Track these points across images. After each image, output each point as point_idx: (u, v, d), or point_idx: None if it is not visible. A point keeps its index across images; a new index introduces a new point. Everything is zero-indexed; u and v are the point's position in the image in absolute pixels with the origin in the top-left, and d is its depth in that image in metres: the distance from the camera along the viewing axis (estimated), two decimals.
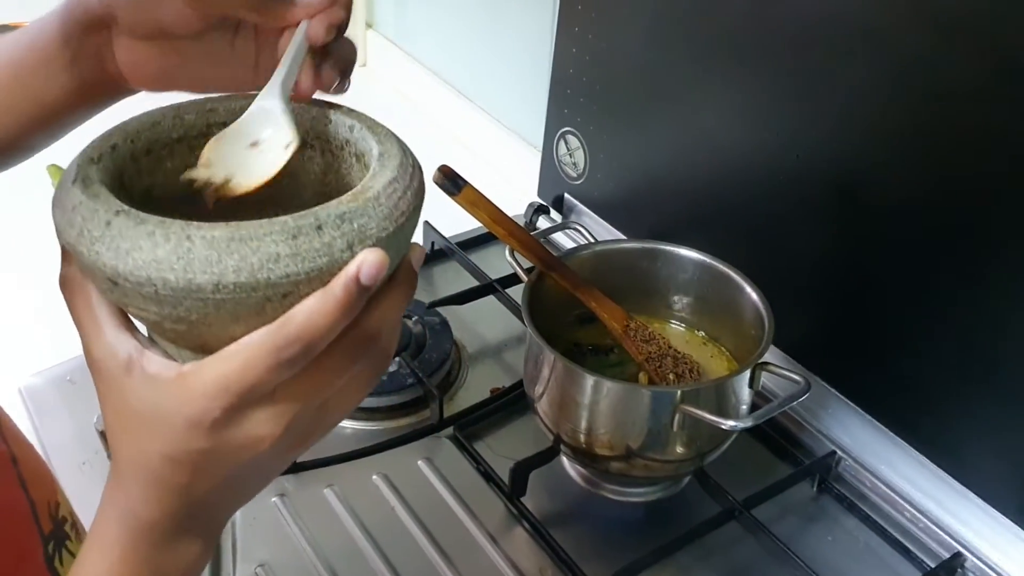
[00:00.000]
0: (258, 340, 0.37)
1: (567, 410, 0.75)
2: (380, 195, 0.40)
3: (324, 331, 0.37)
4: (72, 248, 0.38)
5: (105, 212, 0.38)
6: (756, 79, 0.85)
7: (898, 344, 0.80)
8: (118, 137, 0.44)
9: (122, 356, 0.39)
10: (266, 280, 0.37)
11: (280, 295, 0.37)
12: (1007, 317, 0.71)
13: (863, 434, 0.83)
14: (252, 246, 0.37)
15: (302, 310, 0.37)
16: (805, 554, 0.75)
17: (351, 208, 0.39)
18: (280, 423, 0.39)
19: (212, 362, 0.37)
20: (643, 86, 0.97)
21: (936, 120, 0.72)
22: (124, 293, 0.38)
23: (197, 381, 0.37)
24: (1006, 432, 0.73)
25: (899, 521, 0.79)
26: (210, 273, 0.36)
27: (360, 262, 0.37)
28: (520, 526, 0.78)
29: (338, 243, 0.38)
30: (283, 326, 0.37)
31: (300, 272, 0.37)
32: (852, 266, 0.82)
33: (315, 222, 0.38)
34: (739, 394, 0.74)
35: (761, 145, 0.86)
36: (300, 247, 0.37)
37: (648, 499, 0.81)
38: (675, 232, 0.94)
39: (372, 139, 0.45)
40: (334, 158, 0.48)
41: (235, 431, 0.38)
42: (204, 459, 0.38)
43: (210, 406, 0.37)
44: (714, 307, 0.83)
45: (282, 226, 0.37)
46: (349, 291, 0.37)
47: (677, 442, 0.73)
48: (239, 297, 0.37)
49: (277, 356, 0.37)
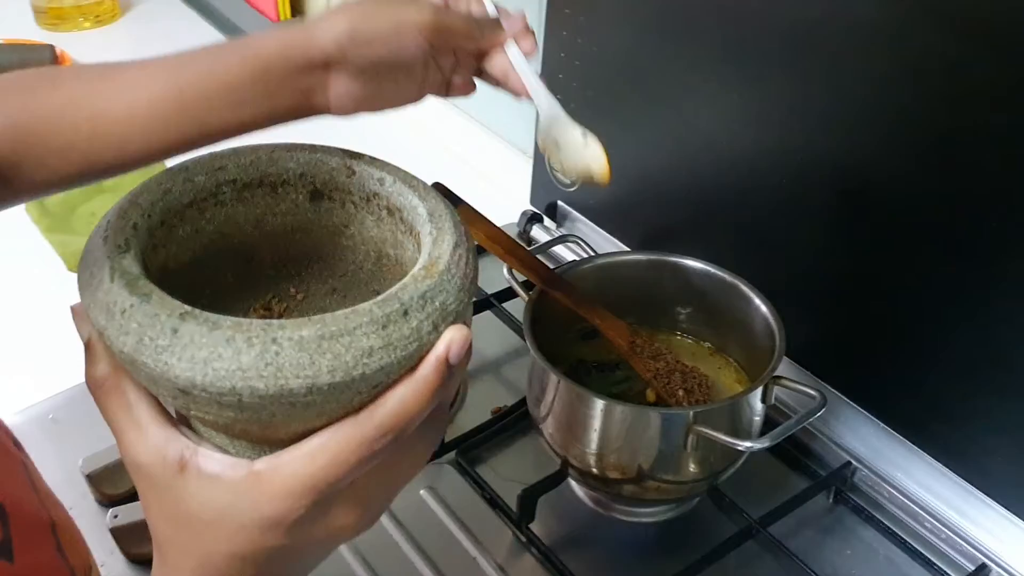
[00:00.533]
0: (348, 434, 0.36)
1: (575, 433, 0.72)
2: (451, 265, 0.39)
3: (416, 418, 0.36)
4: (129, 359, 0.35)
5: (168, 317, 0.35)
6: (755, 79, 0.82)
7: (910, 349, 0.77)
8: (135, 215, 0.40)
9: (172, 458, 0.36)
10: (361, 376, 0.35)
11: (371, 387, 0.36)
12: (1020, 318, 0.69)
13: (878, 443, 0.80)
14: (344, 343, 0.35)
15: (394, 400, 0.36)
16: (825, 570, 0.73)
17: (430, 286, 0.37)
18: (360, 508, 0.37)
19: (295, 459, 0.36)
20: (636, 89, 0.94)
21: (943, 118, 0.70)
22: (196, 401, 0.35)
23: (277, 479, 0.35)
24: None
25: (919, 532, 0.77)
26: (303, 377, 0.34)
27: (448, 342, 0.37)
28: (529, 554, 0.75)
29: (425, 326, 0.36)
30: (372, 417, 0.36)
31: (393, 362, 0.36)
32: (860, 271, 0.79)
33: (401, 308, 0.36)
34: (753, 411, 0.71)
35: (762, 147, 0.83)
36: (391, 336, 0.36)
37: (660, 519, 0.78)
38: (673, 239, 0.92)
39: (412, 195, 0.43)
40: (357, 210, 0.46)
41: (317, 526, 0.37)
42: (279, 554, 0.37)
43: (295, 505, 0.35)
44: (721, 318, 0.80)
45: (370, 316, 0.35)
46: (441, 373, 0.36)
47: (690, 462, 0.70)
48: (330, 396, 0.35)
49: (368, 449, 0.36)
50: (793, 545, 0.74)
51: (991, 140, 0.67)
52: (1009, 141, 0.66)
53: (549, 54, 1.01)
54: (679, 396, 0.75)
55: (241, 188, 0.45)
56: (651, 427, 0.69)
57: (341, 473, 0.35)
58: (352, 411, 0.36)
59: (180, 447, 0.36)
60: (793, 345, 0.73)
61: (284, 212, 0.46)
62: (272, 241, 0.47)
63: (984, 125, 0.67)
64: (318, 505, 0.36)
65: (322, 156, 0.45)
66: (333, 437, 0.35)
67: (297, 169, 0.45)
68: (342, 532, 0.38)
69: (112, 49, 1.66)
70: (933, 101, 0.70)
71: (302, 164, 0.45)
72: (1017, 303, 0.69)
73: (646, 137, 0.95)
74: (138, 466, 0.37)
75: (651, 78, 0.92)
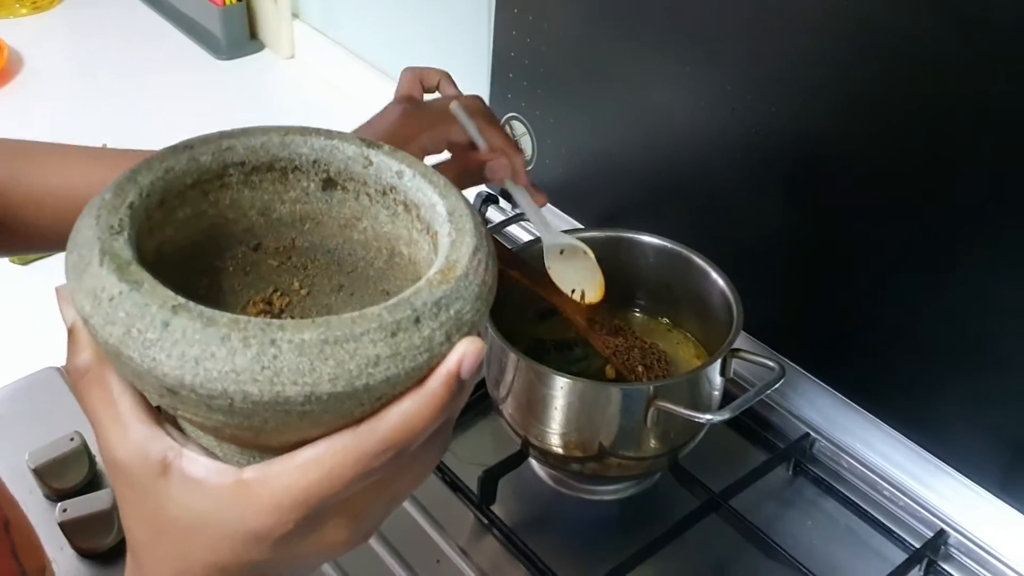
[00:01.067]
0: (345, 447, 0.33)
1: (535, 412, 0.71)
2: (468, 271, 0.35)
3: (420, 434, 0.34)
4: (114, 350, 0.32)
5: (159, 309, 0.32)
6: (706, 53, 0.82)
7: (867, 321, 0.78)
8: (132, 193, 0.37)
9: (155, 457, 0.34)
10: (364, 386, 0.32)
11: (374, 398, 0.33)
12: (978, 288, 0.69)
13: (836, 414, 0.81)
14: (348, 349, 0.32)
15: (398, 414, 0.33)
16: (787, 541, 0.73)
17: (445, 292, 0.34)
18: (353, 524, 0.35)
19: (287, 471, 0.33)
20: (588, 67, 0.93)
21: (897, 87, 0.70)
22: (183, 402, 0.32)
23: (266, 492, 0.33)
24: (983, 404, 0.71)
25: (879, 501, 0.78)
26: (302, 384, 0.31)
27: (460, 355, 0.34)
28: (491, 535, 0.75)
29: (437, 336, 0.34)
30: (374, 431, 0.33)
31: (401, 373, 0.33)
32: (817, 243, 0.80)
33: (413, 314, 0.33)
34: (712, 384, 0.71)
35: (717, 122, 0.83)
36: (400, 345, 0.33)
37: (622, 496, 0.78)
38: (631, 216, 0.92)
39: (431, 191, 0.40)
40: (372, 203, 0.43)
41: (305, 542, 0.34)
42: (263, 568, 0.34)
43: (283, 520, 0.33)
44: (678, 293, 0.80)
45: (379, 322, 0.33)
46: (451, 389, 0.33)
47: (651, 438, 0.70)
48: (330, 406, 0.32)
49: (367, 465, 0.33)
50: (754, 517, 0.74)
51: (948, 112, 0.67)
52: (967, 114, 0.66)
53: (500, 31, 1.00)
54: (638, 372, 0.75)
55: (249, 171, 0.42)
56: (611, 403, 0.69)
57: (335, 488, 0.33)
58: (352, 422, 0.34)
59: (163, 447, 0.34)
60: (751, 319, 0.73)
61: (293, 200, 0.43)
62: (278, 230, 0.44)
63: (941, 97, 0.67)
64: (308, 520, 0.34)
65: (338, 143, 0.42)
66: (329, 450, 0.33)
67: (311, 155, 0.42)
68: (331, 549, 0.36)
69: (50, 37, 1.62)
70: (889, 74, 0.70)
71: (316, 150, 0.42)
72: (973, 274, 0.70)
73: (600, 114, 0.94)
74: (117, 465, 0.35)
75: (603, 55, 0.91)
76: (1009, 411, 0.70)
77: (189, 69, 1.53)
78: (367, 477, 0.33)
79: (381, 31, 1.34)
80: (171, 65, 1.55)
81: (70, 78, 1.54)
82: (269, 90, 1.48)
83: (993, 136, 0.65)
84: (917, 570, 0.73)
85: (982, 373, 0.71)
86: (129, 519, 0.36)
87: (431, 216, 0.40)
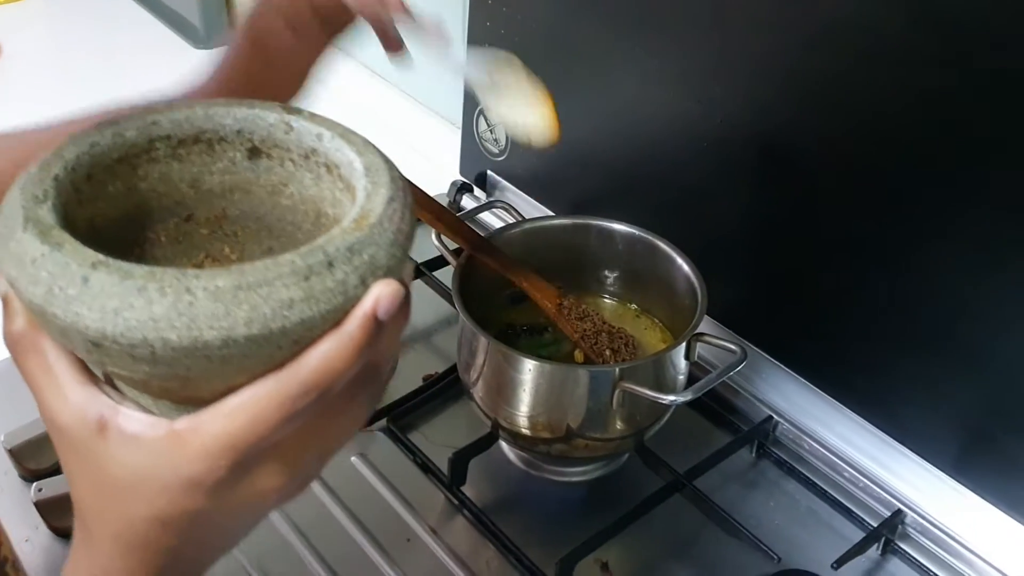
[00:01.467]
0: (268, 391, 0.34)
1: (504, 395, 0.73)
2: (383, 219, 0.37)
3: (341, 375, 0.34)
4: (39, 309, 0.34)
5: (79, 266, 0.33)
6: (674, 45, 0.84)
7: (828, 306, 0.80)
8: (57, 166, 0.38)
9: (92, 417, 0.35)
10: (280, 329, 0.33)
11: (292, 342, 0.34)
12: (934, 277, 0.71)
13: (798, 397, 0.83)
14: (262, 293, 0.33)
15: (317, 355, 0.34)
16: (749, 522, 0.75)
17: (358, 238, 0.36)
18: (286, 471, 0.36)
19: (214, 418, 0.34)
20: (560, 57, 0.94)
21: (860, 82, 0.72)
22: (108, 355, 0.34)
23: (196, 439, 0.34)
24: (938, 387, 0.74)
25: (839, 482, 0.80)
26: (218, 328, 0.33)
27: (376, 296, 0.35)
28: (461, 516, 0.76)
29: (351, 279, 0.35)
30: (295, 374, 0.34)
31: (316, 316, 0.34)
32: (779, 230, 0.82)
33: (325, 259, 0.34)
34: (676, 367, 0.73)
35: (683, 111, 0.84)
36: (314, 289, 0.34)
37: (590, 478, 0.80)
38: (601, 205, 0.93)
39: (349, 150, 0.41)
40: (296, 168, 0.44)
41: (239, 489, 0.35)
42: (201, 519, 0.35)
43: (214, 466, 0.34)
44: (646, 279, 0.82)
45: (291, 267, 0.34)
46: (367, 329, 0.34)
47: (617, 419, 0.72)
48: (249, 350, 0.33)
49: (291, 407, 0.34)
50: (718, 498, 0.76)
51: (910, 108, 0.69)
52: (929, 110, 0.68)
53: (475, 22, 1.01)
54: (606, 356, 0.77)
55: (176, 145, 0.43)
56: (579, 385, 0.70)
57: (262, 432, 0.34)
58: (274, 368, 0.35)
59: (100, 406, 0.35)
60: (716, 305, 0.75)
61: (222, 171, 0.44)
62: (209, 201, 0.45)
63: (905, 93, 0.69)
64: (240, 466, 0.34)
65: (260, 112, 0.44)
66: (254, 395, 0.34)
67: (234, 125, 0.44)
68: (267, 497, 0.36)
69: (29, 25, 1.62)
70: (853, 69, 0.72)
71: (239, 120, 0.44)
72: (929, 264, 0.72)
73: (571, 104, 0.95)
74: (58, 428, 0.36)
75: (575, 47, 0.93)
76: (964, 395, 0.72)
77: (167, 57, 1.53)
78: (293, 420, 0.34)
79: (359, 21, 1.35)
80: (150, 53, 1.55)
81: (49, 66, 1.54)
82: None
83: (953, 133, 0.67)
84: (875, 548, 0.75)
85: (938, 359, 0.73)
86: (73, 482, 0.37)
87: (350, 174, 0.41)
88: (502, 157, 1.05)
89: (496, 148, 1.05)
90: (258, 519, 0.39)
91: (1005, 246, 0.66)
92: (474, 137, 1.07)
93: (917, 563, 0.74)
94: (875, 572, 0.74)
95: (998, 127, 0.65)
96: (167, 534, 0.36)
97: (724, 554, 0.74)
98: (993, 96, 0.64)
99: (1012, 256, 0.66)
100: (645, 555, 0.74)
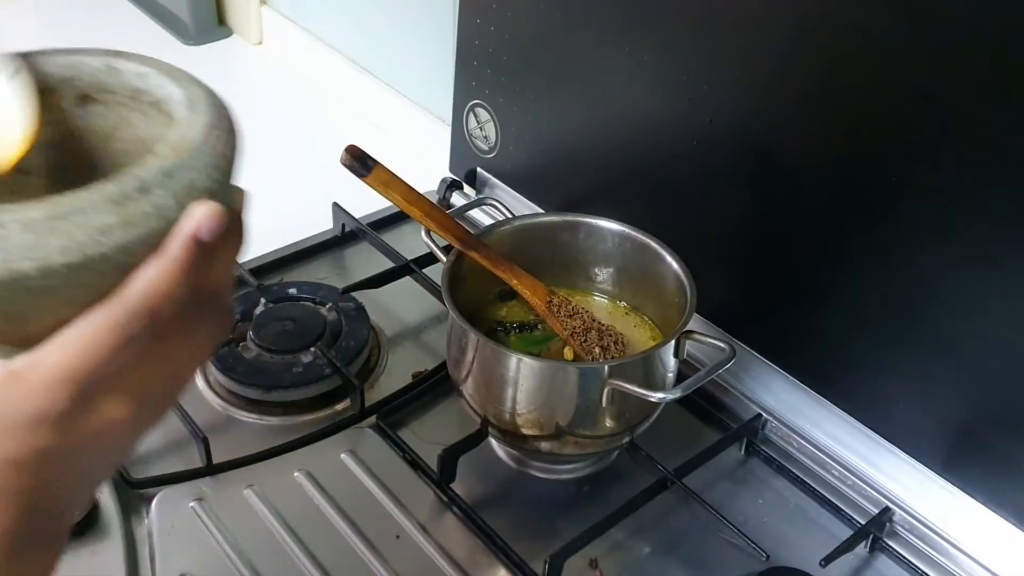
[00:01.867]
0: (98, 320, 0.34)
1: (493, 392, 0.73)
2: (201, 145, 0.37)
3: (168, 298, 0.35)
4: None
5: None
6: (665, 44, 0.84)
7: (817, 305, 0.80)
8: None
9: None
10: (99, 256, 0.33)
11: (113, 268, 0.34)
12: (922, 271, 0.72)
13: (787, 395, 0.83)
14: (76, 221, 0.33)
15: (141, 280, 0.35)
16: (738, 519, 0.75)
17: (174, 163, 0.36)
18: (133, 400, 0.36)
19: (49, 352, 0.34)
20: (551, 55, 0.95)
21: (848, 80, 0.72)
22: None
23: (35, 375, 0.34)
24: (926, 385, 0.74)
25: (827, 480, 0.80)
26: (32, 259, 0.33)
27: (197, 218, 0.35)
28: (451, 513, 0.76)
29: (168, 202, 0.35)
30: (123, 299, 0.34)
31: (134, 240, 0.34)
32: (769, 228, 0.82)
33: (139, 184, 0.35)
34: (666, 365, 0.73)
35: (673, 111, 0.85)
36: (129, 213, 0.34)
37: (579, 475, 0.80)
38: (592, 202, 0.93)
39: (171, 84, 0.42)
40: (127, 110, 0.44)
41: (86, 420, 0.35)
42: (53, 456, 0.35)
43: (56, 398, 0.34)
44: (635, 277, 0.82)
45: (104, 194, 0.34)
46: (189, 250, 0.35)
47: (607, 417, 0.72)
48: (70, 279, 0.33)
49: (122, 333, 0.34)
50: (707, 495, 0.76)
51: (897, 106, 0.69)
52: (916, 107, 0.68)
53: (465, 20, 1.01)
54: (596, 353, 0.77)
55: None
56: (568, 382, 0.70)
57: (98, 360, 0.34)
58: (104, 298, 0.35)
59: None
60: (706, 303, 0.75)
61: (55, 121, 0.44)
62: (44, 152, 0.44)
63: (892, 91, 0.69)
64: (81, 396, 0.35)
65: (83, 57, 0.44)
66: (86, 325, 0.34)
67: (59, 73, 0.43)
68: (117, 427, 0.36)
69: (16, 21, 1.61)
70: (840, 67, 0.72)
71: (64, 67, 0.43)
72: (918, 263, 0.72)
73: (561, 103, 0.96)
74: None
75: (565, 44, 0.93)
76: (951, 393, 0.72)
77: (156, 54, 1.52)
78: (127, 345, 0.35)
79: (349, 18, 1.35)
80: (138, 49, 1.54)
81: None
82: (237, 76, 1.48)
83: (943, 131, 0.67)
84: (863, 546, 0.75)
85: (926, 357, 0.73)
86: None
87: (173, 108, 0.41)
88: (492, 154, 1.05)
89: (486, 145, 1.05)
90: (118, 454, 0.40)
91: (995, 245, 0.67)
92: (464, 134, 1.07)
93: (905, 561, 0.75)
94: (863, 570, 0.75)
95: (988, 126, 0.65)
96: (22, 476, 0.35)
97: (713, 551, 0.74)
98: (983, 94, 0.65)
99: (1002, 255, 0.66)
100: (634, 552, 0.74)
